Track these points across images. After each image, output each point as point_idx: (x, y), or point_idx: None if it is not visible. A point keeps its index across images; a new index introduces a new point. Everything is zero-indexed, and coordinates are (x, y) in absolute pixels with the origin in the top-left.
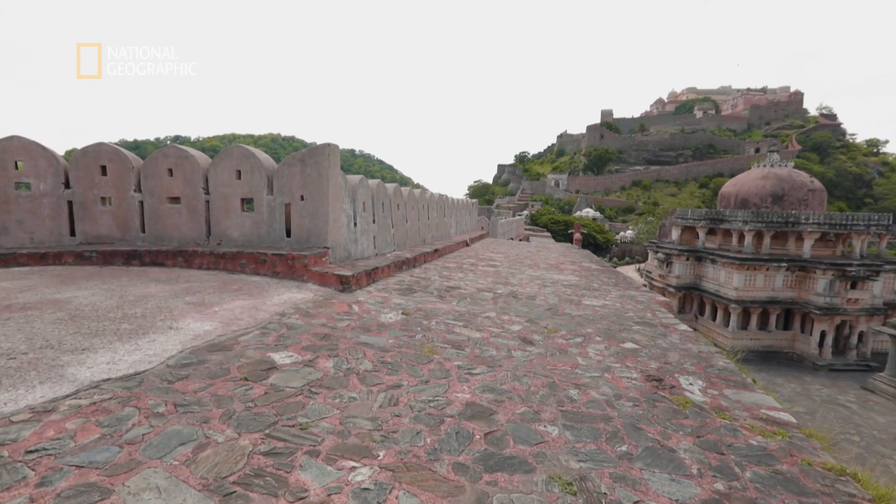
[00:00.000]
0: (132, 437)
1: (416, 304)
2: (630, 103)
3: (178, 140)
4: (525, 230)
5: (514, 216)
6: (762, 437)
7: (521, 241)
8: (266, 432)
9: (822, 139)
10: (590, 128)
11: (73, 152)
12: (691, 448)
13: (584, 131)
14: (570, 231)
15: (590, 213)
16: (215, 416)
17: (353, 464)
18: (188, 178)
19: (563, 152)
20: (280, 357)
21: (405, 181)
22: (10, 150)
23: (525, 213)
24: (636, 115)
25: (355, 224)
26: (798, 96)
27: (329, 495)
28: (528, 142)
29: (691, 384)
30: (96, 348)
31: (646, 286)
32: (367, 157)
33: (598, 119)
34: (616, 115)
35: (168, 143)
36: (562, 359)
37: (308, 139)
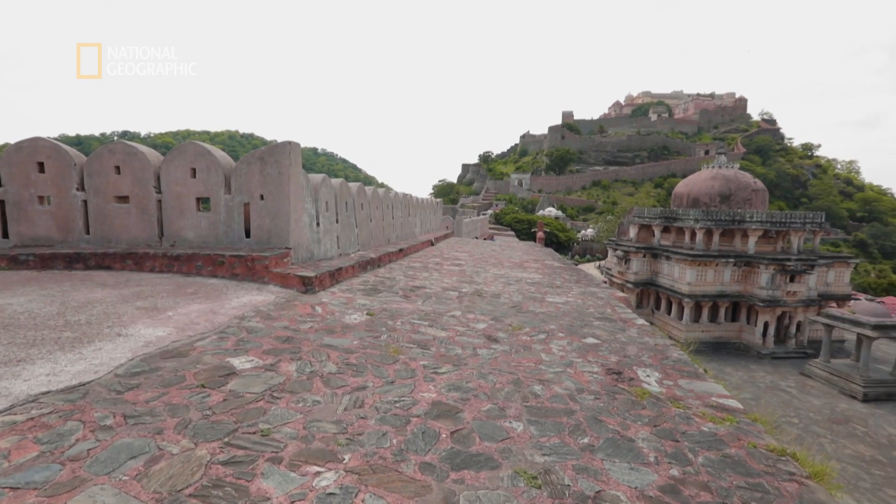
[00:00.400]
0: (76, 453)
1: (381, 304)
2: (590, 105)
3: (126, 136)
4: (489, 229)
5: (478, 215)
6: (713, 424)
7: (485, 239)
8: (225, 440)
9: (763, 143)
10: (551, 128)
11: (4, 147)
12: (648, 437)
13: (546, 132)
14: (533, 230)
15: (552, 212)
16: (169, 426)
17: (318, 469)
18: (138, 175)
19: (525, 152)
20: (240, 362)
21: (369, 180)
22: None
23: (489, 212)
24: (595, 117)
25: (318, 224)
26: (742, 102)
27: (293, 503)
28: (491, 142)
29: (648, 376)
30: (34, 359)
31: (606, 283)
32: (331, 156)
33: (559, 120)
34: (577, 117)
35: (115, 138)
36: (526, 355)
37: (268, 137)
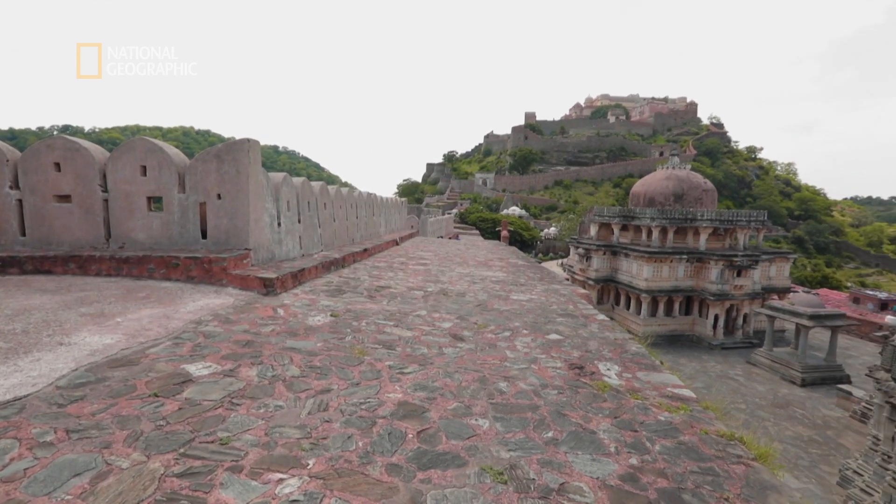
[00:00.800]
0: (11, 473)
1: (346, 304)
2: (551, 106)
3: (67, 130)
4: (454, 228)
5: (443, 214)
6: (668, 413)
7: (450, 239)
8: (181, 451)
9: (712, 145)
10: (515, 129)
11: None
12: (609, 428)
13: (509, 132)
14: (497, 229)
15: (516, 211)
16: (118, 439)
17: (281, 475)
18: (80, 173)
19: (489, 152)
20: (196, 368)
21: (332, 179)
22: None
23: (454, 211)
24: (557, 118)
25: (279, 224)
26: (693, 106)
27: None
28: (456, 142)
29: (609, 369)
30: None
31: (568, 280)
32: (292, 154)
33: (522, 120)
34: (539, 118)
35: (55, 133)
36: (491, 353)
37: (226, 134)
